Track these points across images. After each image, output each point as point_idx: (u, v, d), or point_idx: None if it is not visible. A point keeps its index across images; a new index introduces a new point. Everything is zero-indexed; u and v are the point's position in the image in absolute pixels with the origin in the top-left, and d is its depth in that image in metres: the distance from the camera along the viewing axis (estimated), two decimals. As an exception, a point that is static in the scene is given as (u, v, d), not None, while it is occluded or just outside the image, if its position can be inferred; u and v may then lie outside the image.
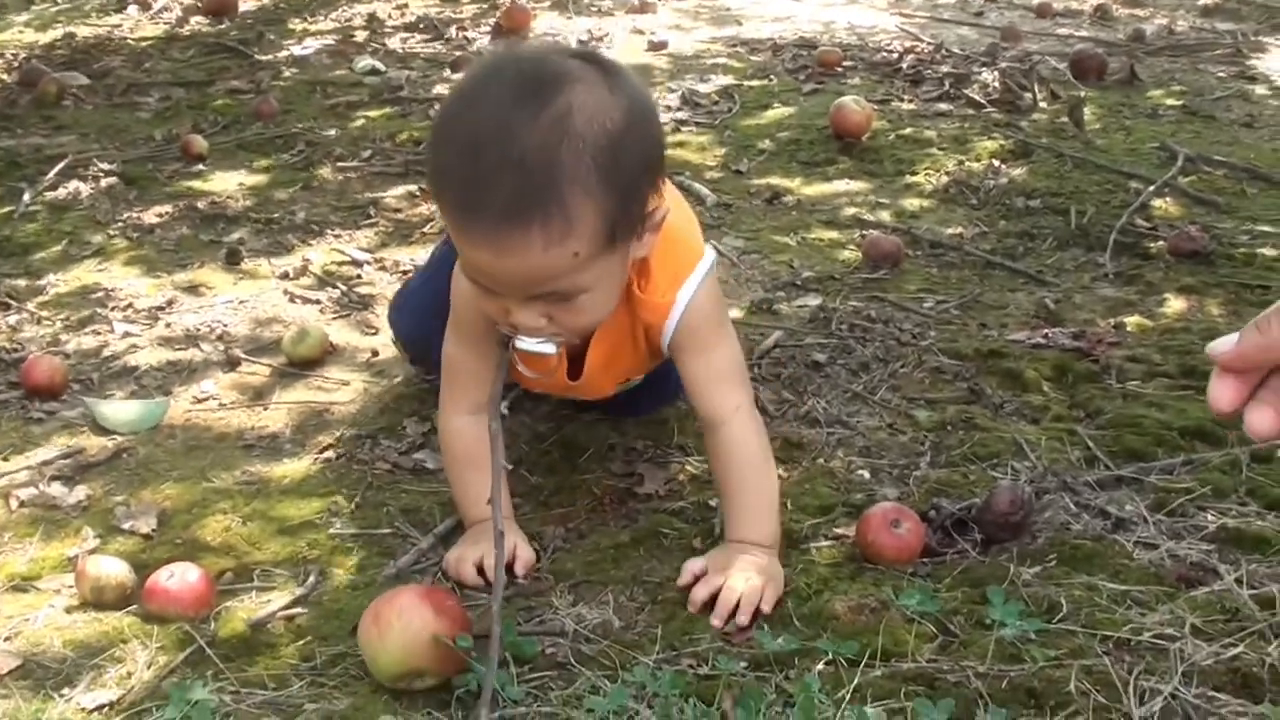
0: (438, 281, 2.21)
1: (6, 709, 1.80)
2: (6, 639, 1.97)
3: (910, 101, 4.65)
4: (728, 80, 4.98)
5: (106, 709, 1.81)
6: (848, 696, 1.72)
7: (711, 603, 1.97)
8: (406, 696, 1.81)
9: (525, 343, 1.94)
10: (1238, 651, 1.82)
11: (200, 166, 4.16)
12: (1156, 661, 1.81)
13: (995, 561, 2.06)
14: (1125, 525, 2.15)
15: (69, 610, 2.04)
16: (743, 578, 1.97)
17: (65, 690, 1.85)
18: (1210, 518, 2.16)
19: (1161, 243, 3.34)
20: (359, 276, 3.33)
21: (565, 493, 2.33)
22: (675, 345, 2.09)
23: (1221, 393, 1.06)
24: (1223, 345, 1.05)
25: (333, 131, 4.46)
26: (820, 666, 1.82)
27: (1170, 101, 4.63)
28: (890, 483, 2.32)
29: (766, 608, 1.95)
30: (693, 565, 2.05)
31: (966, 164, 3.98)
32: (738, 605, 1.95)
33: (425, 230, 3.60)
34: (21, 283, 3.32)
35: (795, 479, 2.32)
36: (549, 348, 1.95)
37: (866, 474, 2.35)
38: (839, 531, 2.17)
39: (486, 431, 2.03)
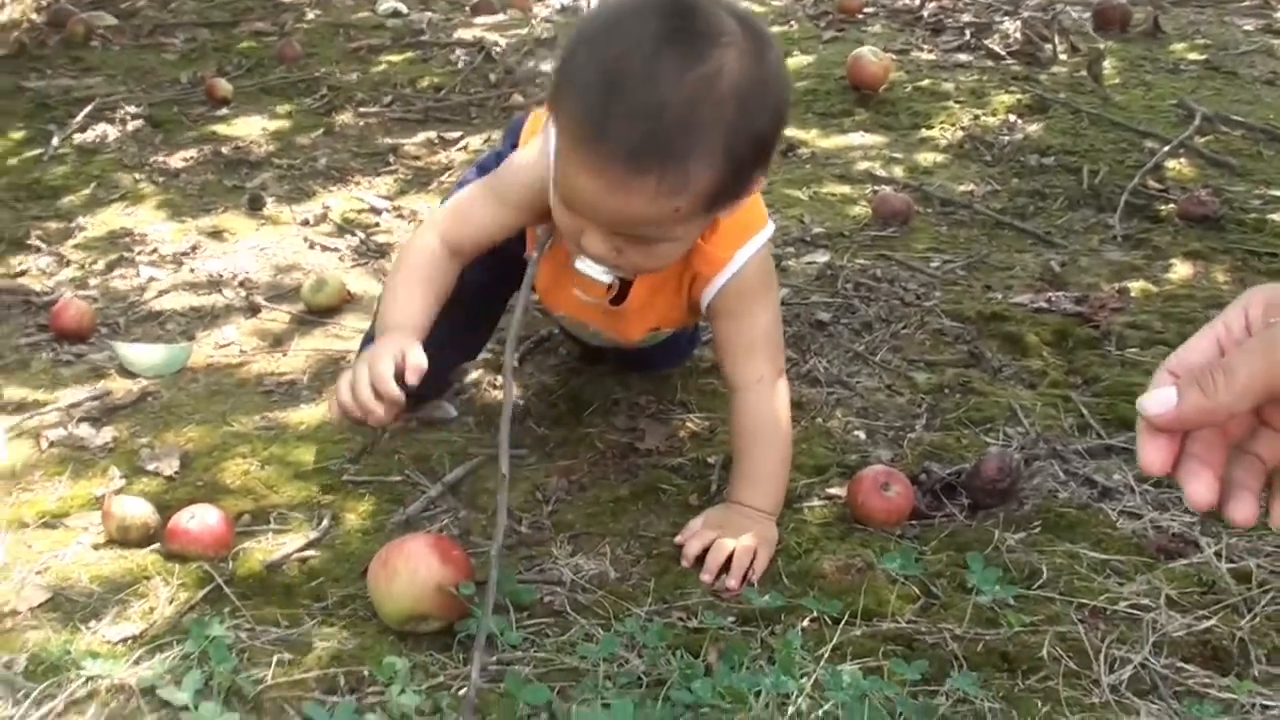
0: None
1: (37, 639, 1.89)
2: (37, 573, 2.05)
3: (930, 51, 4.68)
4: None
5: (130, 641, 1.89)
6: (827, 654, 1.80)
7: (704, 558, 2.05)
8: (412, 638, 1.89)
9: (585, 265, 1.97)
10: (1210, 624, 1.88)
11: (224, 110, 4.24)
12: (1129, 631, 1.87)
13: (981, 526, 2.13)
14: (1111, 494, 2.21)
15: (96, 547, 2.12)
16: (735, 539, 2.04)
17: (92, 623, 1.93)
18: (1195, 489, 2.21)
19: (1172, 205, 3.37)
20: (377, 225, 3.41)
21: (570, 445, 2.40)
22: (716, 305, 2.14)
23: (1154, 455, 0.98)
24: (1158, 405, 0.96)
25: (354, 76, 4.53)
26: (804, 623, 1.89)
27: (1193, 56, 4.63)
28: (885, 444, 2.38)
29: (756, 574, 2.02)
30: (693, 524, 2.12)
31: (982, 118, 4.01)
32: (729, 564, 2.02)
33: (444, 179, 3.67)
34: (52, 225, 3.41)
35: (793, 438, 2.38)
36: (606, 277, 2.00)
37: (862, 435, 2.41)
38: (832, 491, 2.23)
39: (449, 268, 2.12)
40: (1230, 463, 0.99)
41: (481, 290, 2.33)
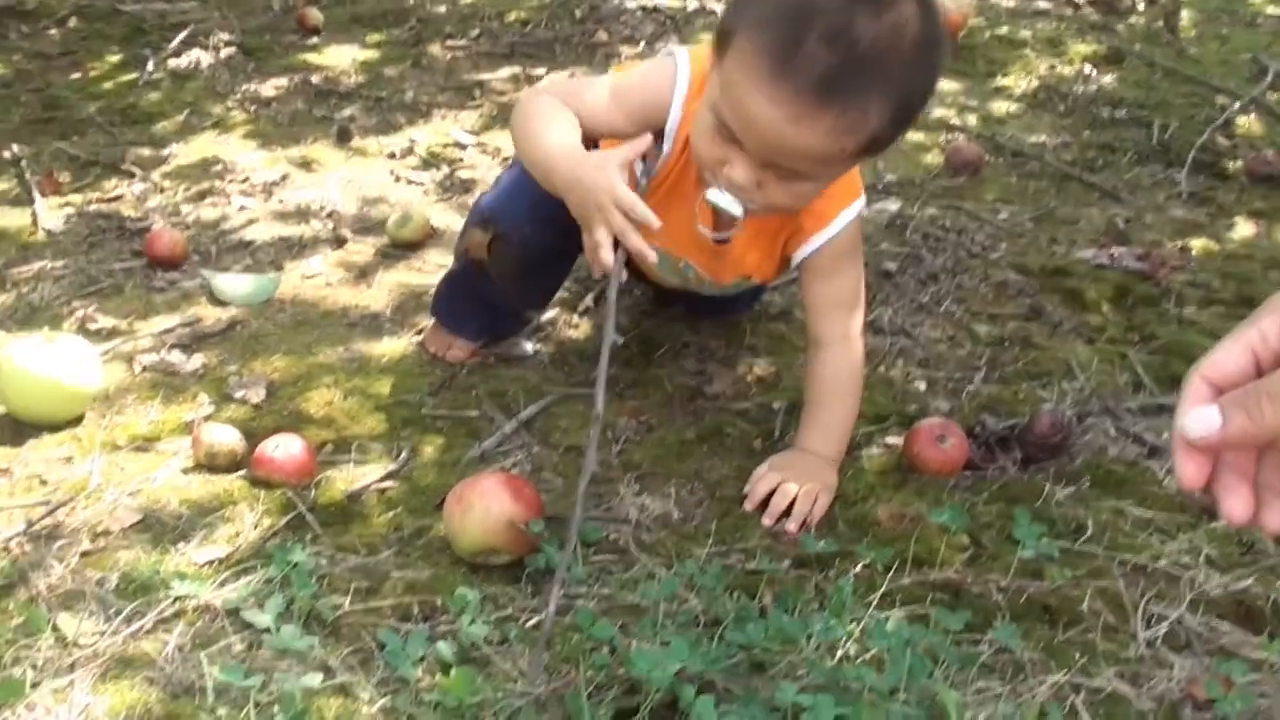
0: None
1: (128, 559, 2.00)
2: (129, 495, 2.16)
3: (1010, -2, 4.72)
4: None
5: (216, 564, 2.00)
6: (877, 600, 1.89)
7: (767, 501, 2.14)
8: (483, 570, 1.98)
9: (718, 196, 1.97)
10: (1247, 584, 1.95)
11: (315, 39, 4.33)
12: (1168, 588, 1.95)
13: (1032, 480, 2.21)
14: (1160, 453, 2.27)
15: (185, 471, 2.23)
16: (799, 483, 2.13)
17: (180, 545, 2.04)
18: (1242, 449, 2.28)
19: (1239, 163, 3.41)
20: (462, 160, 3.50)
21: (640, 387, 2.49)
22: (810, 263, 2.22)
23: (1192, 472, 0.95)
24: (1201, 428, 0.93)
25: (443, 8, 4.62)
26: (857, 569, 1.98)
27: (1271, 9, 4.65)
28: (944, 395, 2.46)
29: (814, 519, 2.11)
30: (760, 470, 2.20)
31: (1058, 68, 4.06)
32: (790, 508, 2.11)
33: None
34: (146, 151, 3.53)
35: (857, 388, 2.47)
36: (738, 209, 1.98)
37: (922, 385, 2.49)
38: (890, 440, 2.32)
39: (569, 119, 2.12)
40: (1259, 465, 0.96)
41: (545, 255, 2.41)
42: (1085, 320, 2.71)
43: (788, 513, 2.11)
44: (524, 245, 2.35)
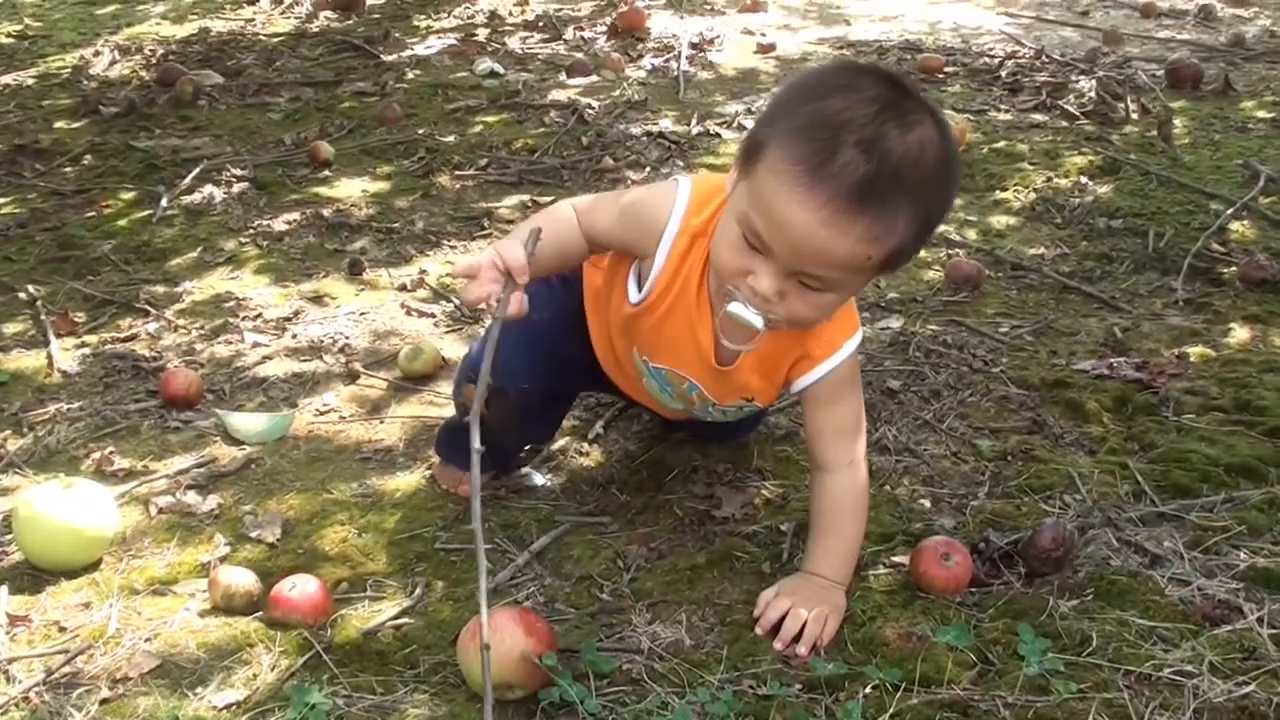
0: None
1: (147, 705, 2.03)
2: (147, 640, 2.20)
3: (1007, 111, 4.79)
4: (831, 85, 5.12)
5: (234, 707, 2.03)
6: (886, 722, 1.92)
7: (779, 626, 2.17)
8: (499, 705, 2.00)
9: (739, 308, 2.02)
10: (1249, 690, 1.97)
11: (326, 172, 4.42)
12: (1172, 697, 1.97)
13: (1037, 594, 2.23)
14: (1161, 561, 2.30)
15: (202, 614, 2.27)
16: (809, 607, 2.17)
17: (198, 689, 2.08)
18: (1243, 556, 2.31)
19: (1234, 269, 3.46)
20: (471, 290, 3.55)
21: (650, 512, 2.53)
22: (812, 392, 2.26)
23: None
24: None
25: (452, 138, 4.70)
26: (866, 691, 2.01)
27: (1261, 114, 4.72)
28: (949, 512, 2.50)
29: (824, 642, 2.14)
30: (766, 595, 2.24)
31: (1055, 180, 4.12)
32: (801, 632, 2.15)
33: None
34: (160, 289, 3.60)
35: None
36: (759, 320, 2.01)
37: (928, 503, 2.53)
38: (896, 559, 2.35)
39: (579, 237, 2.24)
40: None
41: (545, 401, 2.49)
42: (1086, 431, 2.75)
43: (798, 637, 2.14)
44: (522, 398, 2.40)
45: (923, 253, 3.63)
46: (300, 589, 2.23)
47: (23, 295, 3.60)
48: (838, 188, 1.87)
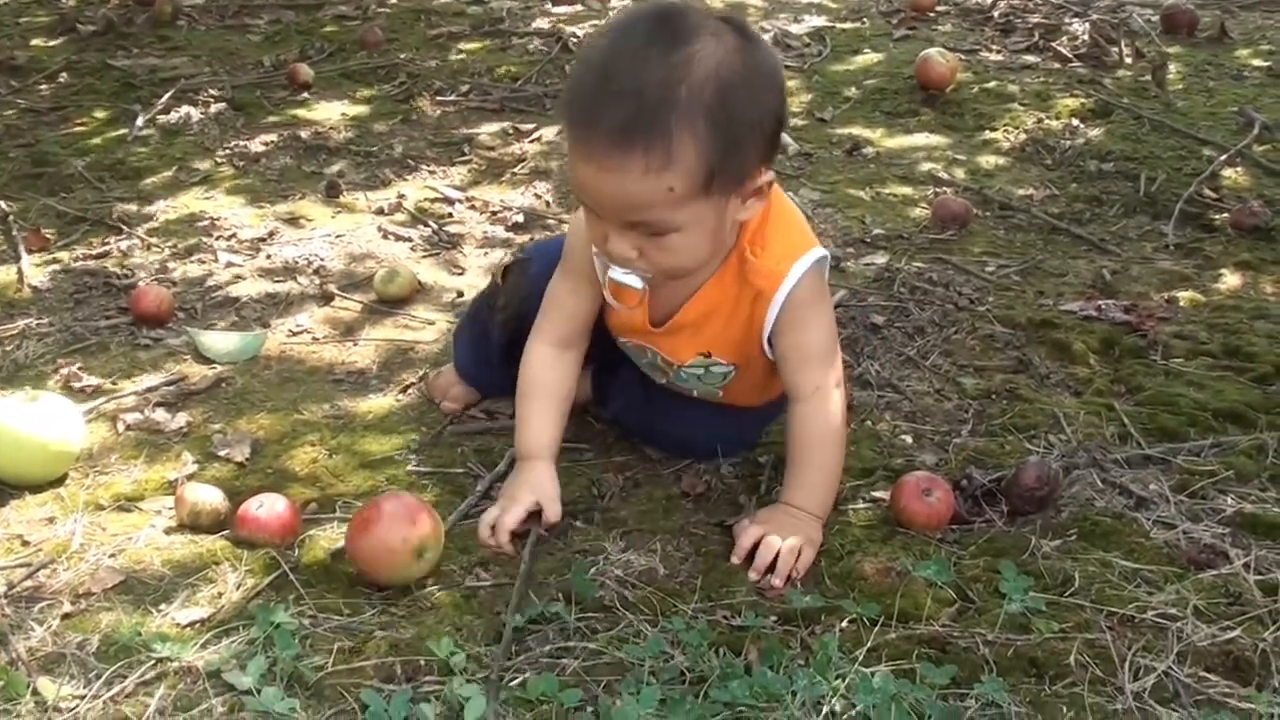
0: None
1: (110, 620, 1.99)
2: (111, 556, 2.16)
3: (998, 52, 4.73)
4: (821, 21, 5.08)
5: (198, 625, 1.99)
6: (863, 656, 1.88)
7: (753, 555, 2.13)
8: (466, 629, 1.97)
9: (616, 272, 2.11)
10: (1234, 635, 1.94)
11: (305, 95, 4.35)
12: (1156, 640, 1.94)
13: (1019, 533, 2.20)
14: (1146, 504, 2.26)
15: (168, 531, 2.23)
16: (782, 536, 2.12)
17: (162, 606, 2.03)
18: (1230, 501, 2.27)
19: (1225, 215, 3.42)
20: (450, 215, 3.50)
21: (626, 442, 2.48)
22: (779, 324, 2.20)
23: None
24: None
25: (433, 63, 4.64)
26: (843, 625, 1.97)
27: (1257, 62, 4.65)
28: (930, 449, 2.45)
29: (799, 573, 2.10)
30: (744, 522, 2.20)
31: (1046, 121, 4.06)
32: (775, 562, 2.10)
33: (517, 170, 3.76)
34: (133, 208, 3.54)
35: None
36: (635, 280, 2.11)
37: (909, 439, 2.49)
38: (876, 494, 2.31)
39: (562, 364, 2.31)
40: None
41: None
42: (1072, 372, 2.71)
43: (773, 567, 2.10)
44: (535, 282, 2.38)
45: (909, 189, 3.60)
46: (268, 508, 2.19)
47: (-6, 211, 3.54)
48: (599, 135, 1.93)
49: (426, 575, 2.09)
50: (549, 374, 2.32)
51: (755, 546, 2.13)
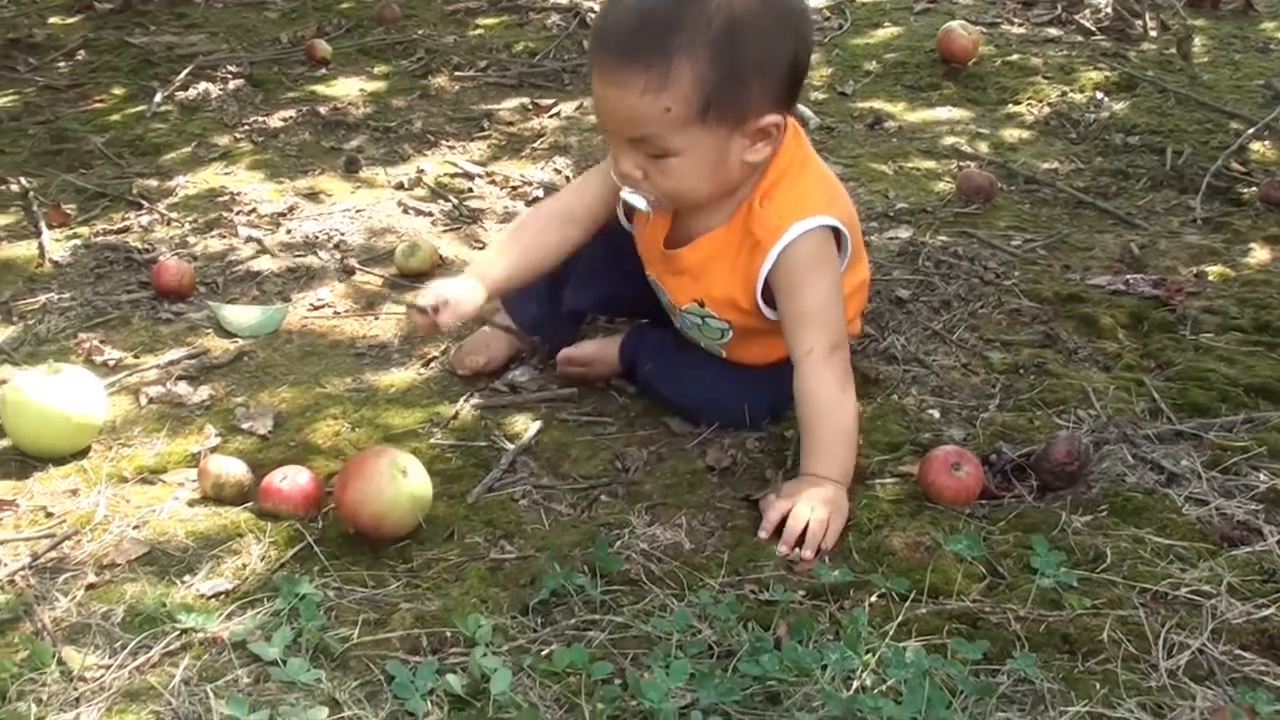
0: None
1: (134, 591, 1.98)
2: (135, 528, 2.15)
3: (1020, 25, 4.68)
4: (843, -5, 5.04)
5: (223, 596, 1.99)
6: (893, 631, 1.86)
7: (780, 529, 2.11)
8: (493, 600, 1.96)
9: (625, 192, 2.22)
10: (1269, 613, 1.91)
11: (323, 71, 4.33)
12: (1189, 617, 1.91)
13: (1049, 508, 2.17)
14: (1178, 480, 2.24)
15: (191, 504, 2.22)
16: (809, 507, 2.11)
17: (186, 577, 2.03)
18: (1263, 477, 2.24)
19: (1254, 189, 3.39)
20: (470, 190, 3.48)
21: (651, 415, 2.46)
22: (776, 282, 2.22)
23: None
24: None
25: (451, 39, 4.61)
26: (872, 599, 1.95)
27: (1283, 35, 4.62)
28: (958, 423, 2.43)
29: (829, 544, 2.08)
30: (770, 496, 2.18)
31: (1069, 95, 4.03)
32: (804, 535, 2.08)
33: (536, 145, 3.74)
34: (153, 183, 3.53)
35: (868, 415, 2.43)
36: (640, 202, 2.21)
37: (936, 413, 2.46)
38: (904, 469, 2.28)
39: (550, 227, 2.43)
40: None
41: (610, 254, 2.48)
42: (1101, 347, 2.68)
43: (802, 539, 2.08)
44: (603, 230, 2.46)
45: (933, 163, 3.57)
46: (291, 480, 2.18)
47: (15, 187, 3.53)
48: (608, 51, 2.09)
49: (420, 518, 2.11)
50: (536, 230, 2.45)
51: (783, 520, 2.11)
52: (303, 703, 1.75)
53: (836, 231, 2.24)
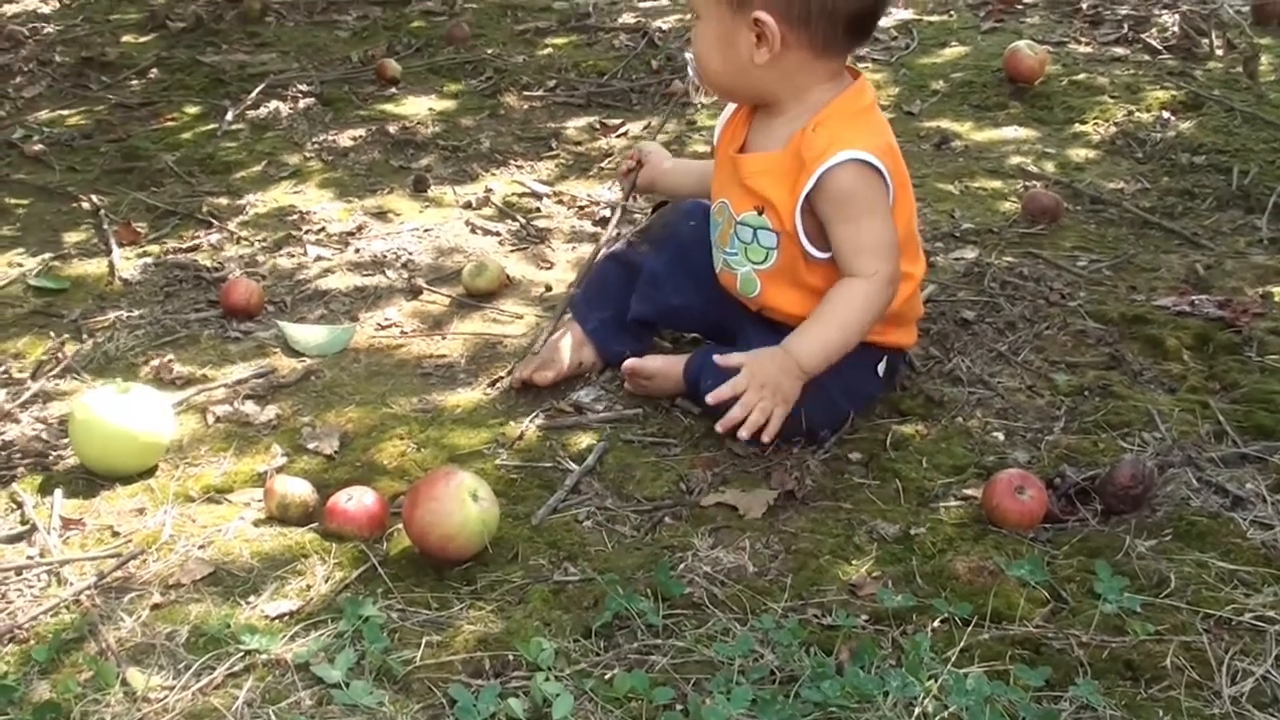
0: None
1: (198, 612, 2.01)
2: (200, 547, 2.18)
3: (1087, 44, 4.66)
4: (908, 14, 5.02)
5: (287, 618, 2.00)
6: (955, 656, 1.86)
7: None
8: (556, 623, 1.97)
9: (690, 64, 2.47)
10: (1334, 639, 1.91)
11: (393, 90, 4.37)
12: (1253, 643, 1.90)
13: (1113, 532, 2.16)
14: (1243, 504, 2.23)
15: (257, 523, 2.25)
16: (757, 394, 2.29)
17: (251, 598, 2.05)
18: (1328, 501, 2.23)
19: (1322, 210, 3.36)
20: (538, 210, 3.50)
21: (714, 436, 2.44)
22: (818, 202, 2.32)
23: None
24: None
25: (520, 58, 4.63)
26: (935, 624, 1.95)
27: (1352, 54, 4.58)
28: (1023, 446, 2.42)
29: (768, 435, 2.30)
30: (737, 356, 2.34)
31: (1136, 114, 4.00)
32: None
33: (604, 165, 3.75)
34: (223, 201, 3.57)
35: (933, 437, 2.43)
36: (692, 70, 2.48)
37: (1001, 436, 2.46)
38: (968, 492, 2.28)
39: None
40: None
41: (687, 250, 2.64)
42: (1166, 369, 2.66)
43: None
44: (683, 219, 2.66)
45: (999, 183, 3.56)
46: (357, 501, 2.20)
47: (86, 205, 3.60)
48: None
49: (488, 541, 2.12)
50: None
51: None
52: (366, 725, 1.77)
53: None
